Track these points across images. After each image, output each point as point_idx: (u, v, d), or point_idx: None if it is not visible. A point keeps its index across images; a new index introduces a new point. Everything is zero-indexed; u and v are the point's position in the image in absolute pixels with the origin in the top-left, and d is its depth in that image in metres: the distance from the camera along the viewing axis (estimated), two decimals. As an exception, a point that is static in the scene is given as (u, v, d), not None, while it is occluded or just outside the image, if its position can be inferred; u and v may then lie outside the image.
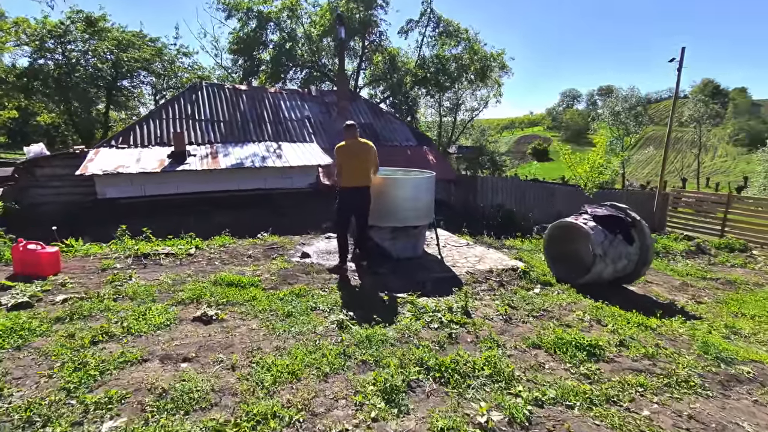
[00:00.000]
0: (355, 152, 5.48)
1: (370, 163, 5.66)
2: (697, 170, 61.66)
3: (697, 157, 63.65)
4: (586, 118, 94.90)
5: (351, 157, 5.46)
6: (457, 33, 17.19)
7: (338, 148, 5.47)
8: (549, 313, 4.51)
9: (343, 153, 5.45)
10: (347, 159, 5.45)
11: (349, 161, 5.45)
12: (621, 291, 5.82)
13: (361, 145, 5.56)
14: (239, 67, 20.03)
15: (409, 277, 5.57)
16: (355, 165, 5.47)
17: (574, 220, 5.71)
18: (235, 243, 6.78)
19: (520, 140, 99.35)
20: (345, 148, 5.46)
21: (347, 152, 5.46)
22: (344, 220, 5.63)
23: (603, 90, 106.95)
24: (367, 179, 5.56)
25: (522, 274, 5.83)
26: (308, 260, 6.00)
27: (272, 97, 14.01)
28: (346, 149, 5.46)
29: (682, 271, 7.49)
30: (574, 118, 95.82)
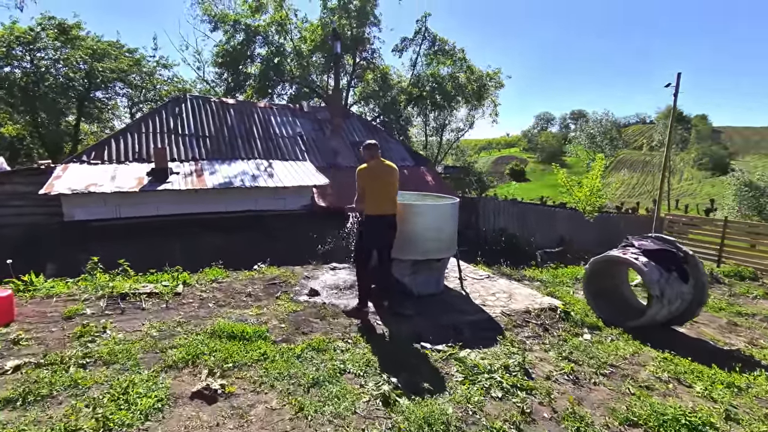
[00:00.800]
0: (379, 175, 4.75)
1: (397, 188, 4.94)
2: (668, 193, 63.92)
3: (667, 180, 66.09)
4: (560, 141, 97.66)
5: (376, 181, 4.71)
6: (453, 52, 16.99)
7: (361, 171, 4.72)
8: (618, 370, 3.82)
9: (367, 176, 4.70)
10: (372, 183, 4.70)
11: (375, 185, 4.70)
12: (672, 333, 5.21)
13: (385, 168, 4.84)
14: (224, 80, 19.16)
15: (439, 319, 4.80)
16: (381, 190, 4.73)
17: (622, 254, 5.10)
18: (229, 277, 5.85)
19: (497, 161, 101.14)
20: (368, 170, 4.72)
21: (371, 175, 4.71)
22: (368, 253, 4.85)
23: (575, 114, 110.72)
24: (394, 206, 4.82)
25: (563, 315, 5.15)
26: (318, 299, 5.15)
27: (262, 112, 13.21)
28: (370, 172, 4.72)
29: (714, 305, 6.98)
30: (549, 140, 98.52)
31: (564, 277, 7.81)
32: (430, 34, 17.07)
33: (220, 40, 18.00)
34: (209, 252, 8.58)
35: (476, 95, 16.75)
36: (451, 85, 16.19)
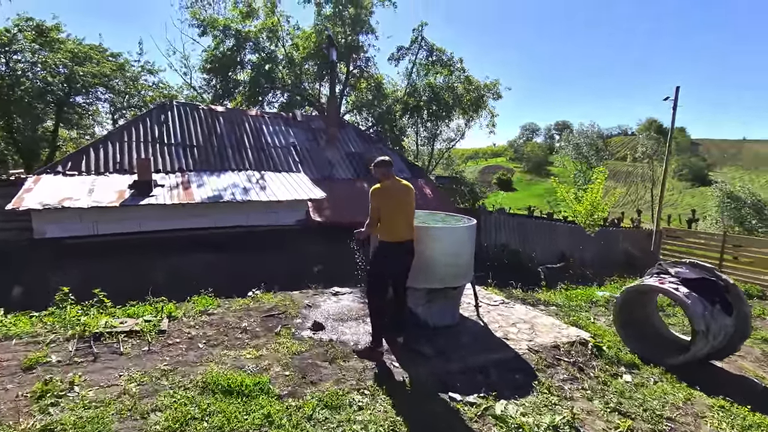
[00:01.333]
0: (395, 196, 4.22)
1: (414, 210, 4.41)
2: (651, 203, 64.95)
3: (651, 191, 67.16)
4: (545, 151, 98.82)
5: (392, 203, 4.18)
6: (451, 62, 16.69)
7: (375, 192, 4.17)
8: (677, 425, 3.33)
9: (382, 197, 4.15)
10: (388, 205, 4.15)
11: (391, 208, 4.16)
12: (711, 369, 4.75)
13: (402, 188, 4.31)
14: (212, 87, 18.45)
15: (461, 358, 4.26)
16: (398, 213, 4.19)
17: (659, 282, 4.64)
18: (221, 308, 5.21)
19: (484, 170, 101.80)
20: (383, 191, 4.17)
21: (386, 196, 4.17)
22: (384, 285, 4.28)
23: (559, 125, 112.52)
24: (411, 231, 4.29)
25: (596, 350, 4.66)
26: (324, 336, 4.56)
27: (253, 121, 12.59)
28: (385, 193, 4.18)
29: None
30: (535, 150, 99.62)
31: (579, 299, 7.35)
32: (427, 44, 16.78)
33: (209, 46, 17.39)
34: (197, 273, 7.90)
35: (474, 106, 16.46)
36: (449, 96, 15.85)
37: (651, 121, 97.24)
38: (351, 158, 12.79)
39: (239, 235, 9.45)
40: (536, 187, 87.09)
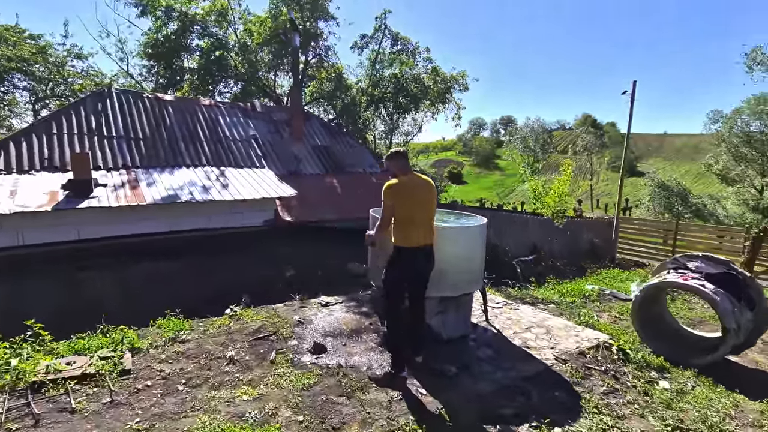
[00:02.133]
0: (413, 194, 3.59)
1: (434, 210, 3.82)
2: (590, 194, 69.21)
3: (590, 182, 71.48)
4: (492, 145, 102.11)
5: (410, 201, 3.55)
6: (417, 52, 16.18)
7: (391, 188, 3.52)
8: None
9: (398, 195, 3.51)
10: (405, 204, 3.52)
11: (408, 207, 3.53)
12: (728, 364, 4.63)
13: (421, 184, 3.69)
14: (154, 75, 16.62)
15: (489, 375, 3.77)
16: (418, 213, 3.58)
17: (682, 279, 4.41)
18: (194, 331, 4.32)
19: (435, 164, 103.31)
20: (400, 188, 3.53)
21: (403, 194, 3.54)
22: (401, 299, 3.66)
23: (504, 120, 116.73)
24: (432, 234, 3.69)
25: (621, 354, 4.36)
26: (330, 360, 3.86)
27: (207, 111, 11.32)
28: (402, 190, 3.54)
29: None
30: (483, 144, 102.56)
31: (572, 296, 7.17)
32: (391, 33, 16.10)
33: (149, 29, 15.53)
34: (155, 288, 6.82)
35: (441, 98, 16.11)
36: (416, 87, 15.36)
37: (586, 117, 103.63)
38: (318, 152, 11.92)
39: (200, 239, 8.35)
40: (485, 179, 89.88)
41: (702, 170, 72.57)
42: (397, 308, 3.60)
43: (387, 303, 3.64)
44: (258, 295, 7.05)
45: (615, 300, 7.35)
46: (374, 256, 4.55)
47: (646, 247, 14.31)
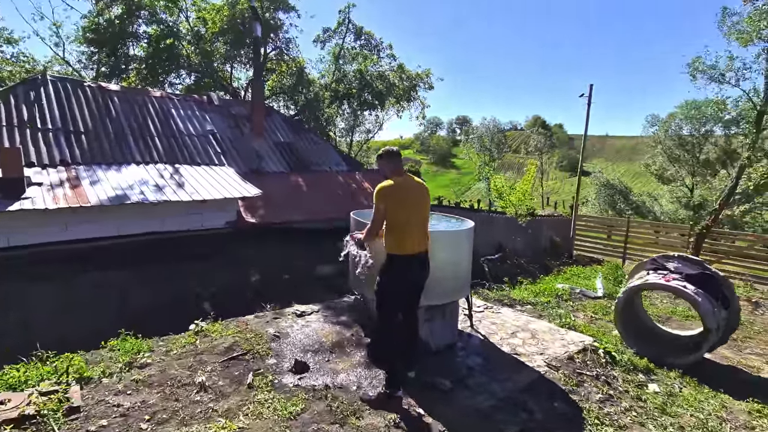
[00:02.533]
0: (409, 197, 3.32)
1: (429, 215, 3.56)
2: (541, 192, 72.40)
3: (541, 181, 74.67)
4: (449, 143, 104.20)
5: (405, 205, 3.27)
6: (380, 48, 15.86)
7: (384, 190, 3.22)
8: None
9: (393, 198, 3.22)
10: (400, 208, 3.24)
11: (404, 212, 3.25)
12: (704, 363, 4.75)
13: (416, 187, 3.43)
14: (95, 62, 15.13)
15: (484, 387, 3.60)
16: (413, 217, 3.31)
17: (664, 280, 4.46)
18: (154, 352, 3.79)
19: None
20: (395, 190, 3.24)
21: (399, 197, 3.25)
22: (396, 312, 3.37)
23: (460, 119, 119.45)
24: (427, 240, 3.44)
25: (608, 357, 4.34)
26: (314, 380, 3.51)
27: (159, 103, 10.39)
28: (397, 192, 3.25)
29: (683, 312, 6.95)
30: (440, 143, 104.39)
31: (545, 295, 7.21)
32: (354, 27, 15.71)
33: (90, 11, 14.09)
34: (103, 301, 6.10)
35: (406, 96, 15.91)
36: (382, 84, 15.05)
37: (536, 118, 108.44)
38: (281, 149, 11.34)
39: (153, 243, 7.61)
40: (442, 177, 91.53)
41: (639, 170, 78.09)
42: (391, 321, 3.31)
43: (380, 316, 3.34)
44: (223, 306, 6.52)
45: (585, 298, 7.50)
46: (356, 262, 4.23)
47: (603, 245, 14.94)
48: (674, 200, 40.52)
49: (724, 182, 36.24)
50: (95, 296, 6.25)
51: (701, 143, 39.61)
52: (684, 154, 40.44)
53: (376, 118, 23.96)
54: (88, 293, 6.28)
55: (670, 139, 41.37)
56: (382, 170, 3.45)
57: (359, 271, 3.68)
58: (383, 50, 15.84)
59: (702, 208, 37.03)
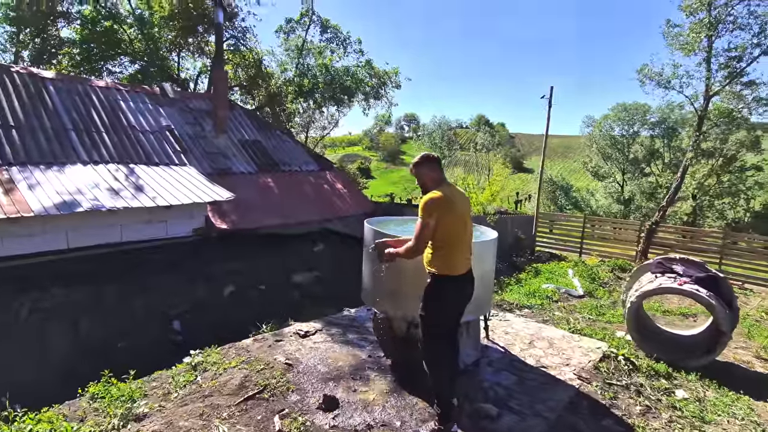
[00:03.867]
0: (458, 210, 2.98)
1: (473, 229, 3.27)
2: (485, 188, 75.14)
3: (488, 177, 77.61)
4: (398, 141, 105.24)
5: (457, 221, 2.94)
6: (348, 42, 15.18)
7: (435, 203, 2.85)
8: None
9: (444, 212, 2.87)
10: (451, 224, 2.90)
11: (455, 228, 2.92)
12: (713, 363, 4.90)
13: (462, 197, 3.12)
14: (15, 44, 13.06)
15: (529, 408, 3.39)
16: (463, 233, 2.99)
17: (677, 284, 4.52)
18: (149, 398, 3.16)
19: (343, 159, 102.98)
20: (445, 203, 2.88)
21: (449, 210, 2.90)
22: (446, 337, 3.04)
23: (408, 117, 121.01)
24: (471, 256, 3.12)
25: (628, 363, 4.32)
26: (350, 418, 3.10)
27: (104, 94, 9.11)
28: (448, 205, 2.90)
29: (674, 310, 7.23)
30: (389, 140, 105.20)
31: (535, 297, 7.25)
32: (319, 19, 14.94)
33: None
34: (54, 330, 5.18)
35: (374, 93, 15.44)
36: (351, 80, 14.44)
37: (480, 117, 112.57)
38: (247, 147, 10.48)
39: (110, 257, 6.62)
40: (392, 174, 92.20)
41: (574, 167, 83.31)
42: (444, 353, 2.98)
43: (429, 346, 2.98)
44: (196, 326, 5.82)
45: (571, 298, 7.64)
46: (376, 274, 3.83)
47: (563, 241, 15.56)
48: (608, 195, 43.73)
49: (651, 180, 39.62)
50: (40, 325, 5.27)
51: (630, 143, 42.99)
52: (615, 153, 43.74)
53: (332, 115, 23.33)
54: (33, 322, 5.28)
55: (603, 139, 44.55)
56: (420, 178, 3.08)
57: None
58: (351, 45, 15.31)
59: (631, 203, 40.33)
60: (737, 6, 11.49)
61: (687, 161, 13.36)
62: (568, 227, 17.19)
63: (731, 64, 12.05)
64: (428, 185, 3.03)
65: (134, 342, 5.48)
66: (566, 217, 20.55)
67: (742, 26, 11.68)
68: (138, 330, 5.71)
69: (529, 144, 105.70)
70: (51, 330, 5.33)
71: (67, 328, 5.28)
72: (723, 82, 12.23)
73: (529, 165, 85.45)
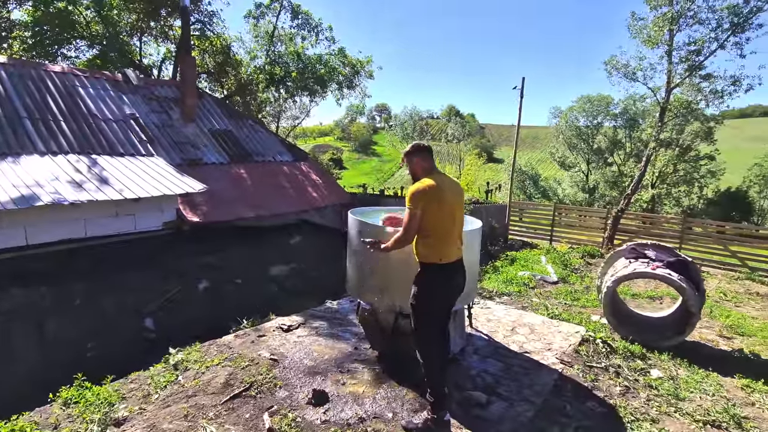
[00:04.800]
0: (448, 199, 2.98)
1: (464, 217, 3.28)
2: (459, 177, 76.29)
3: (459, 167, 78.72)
4: (370, 131, 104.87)
5: (446, 209, 2.94)
6: (318, 30, 14.73)
7: (423, 192, 2.85)
8: (759, 423, 3.27)
9: (432, 201, 2.86)
10: (440, 212, 2.90)
11: (444, 216, 2.92)
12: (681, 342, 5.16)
13: (454, 186, 3.12)
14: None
15: (517, 394, 3.46)
16: (453, 222, 3.00)
17: (651, 269, 4.71)
18: (129, 401, 3.00)
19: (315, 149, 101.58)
20: (434, 192, 2.87)
21: (439, 199, 2.89)
22: (438, 326, 3.04)
23: (379, 107, 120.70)
24: (461, 245, 3.13)
25: (606, 345, 4.49)
26: (340, 412, 3.06)
27: (61, 80, 8.49)
28: (437, 194, 2.88)
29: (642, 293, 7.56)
30: (360, 130, 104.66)
31: (513, 284, 7.38)
32: (290, 4, 14.40)
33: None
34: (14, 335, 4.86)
35: (348, 82, 15.14)
36: (324, 70, 14.06)
37: (450, 107, 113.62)
38: (218, 137, 10.09)
39: (74, 254, 6.24)
40: (364, 165, 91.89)
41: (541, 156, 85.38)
42: (436, 342, 2.98)
43: (421, 336, 2.97)
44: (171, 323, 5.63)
45: (546, 284, 7.85)
46: (362, 264, 3.78)
47: (534, 230, 15.95)
48: (573, 184, 45.24)
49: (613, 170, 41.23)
50: (1, 328, 4.92)
51: (594, 134, 44.45)
52: (581, 143, 45.18)
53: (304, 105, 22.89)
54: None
55: (569, 130, 45.89)
56: (412, 167, 3.06)
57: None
58: (322, 32, 14.90)
59: (595, 191, 41.92)
60: (698, 0, 11.97)
61: (650, 151, 13.92)
62: (538, 215, 17.64)
63: (691, 58, 12.57)
64: (418, 174, 3.01)
65: (105, 342, 5.22)
66: (535, 205, 21.08)
67: (701, 21, 12.19)
68: (108, 329, 5.43)
69: (498, 134, 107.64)
70: (14, 333, 4.99)
71: (32, 330, 4.96)
72: (683, 74, 12.76)
73: (499, 155, 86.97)
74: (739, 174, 39.24)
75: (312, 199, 10.28)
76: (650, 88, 13.91)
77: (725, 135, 36.09)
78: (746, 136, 66.45)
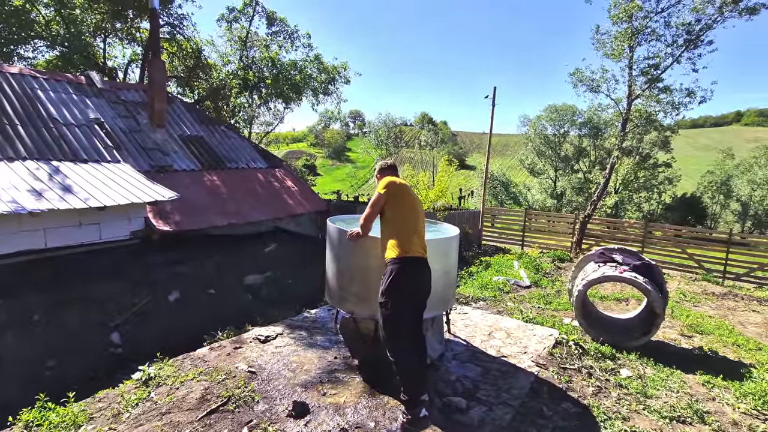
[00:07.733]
0: (410, 198, 3.36)
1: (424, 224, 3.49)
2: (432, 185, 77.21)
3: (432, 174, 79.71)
4: (344, 137, 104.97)
5: (406, 205, 3.23)
6: (295, 37, 14.56)
7: (390, 183, 3.23)
8: (718, 417, 3.46)
9: (399, 194, 3.22)
10: (402, 205, 3.20)
11: (406, 210, 3.21)
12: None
13: (415, 195, 3.35)
14: None
15: (496, 398, 3.53)
16: (414, 218, 3.24)
17: (618, 272, 4.92)
18: (96, 420, 2.86)
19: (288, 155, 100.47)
20: (401, 186, 3.27)
21: (401, 193, 3.25)
22: (406, 324, 3.08)
23: (353, 113, 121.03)
24: (425, 246, 3.25)
25: (578, 347, 4.64)
26: (323, 424, 3.02)
27: (18, 82, 8.04)
28: (402, 188, 3.28)
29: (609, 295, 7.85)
30: (334, 136, 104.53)
31: (488, 289, 7.52)
32: (264, 10, 14.19)
33: None
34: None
35: (323, 88, 15.03)
36: (300, 76, 13.90)
37: (424, 115, 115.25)
38: (189, 143, 9.81)
39: (33, 266, 5.90)
40: (338, 171, 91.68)
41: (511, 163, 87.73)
42: (404, 337, 3.01)
43: (389, 334, 2.99)
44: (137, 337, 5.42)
45: (520, 289, 8.03)
46: (342, 272, 3.78)
47: (506, 235, 16.29)
48: (542, 190, 46.69)
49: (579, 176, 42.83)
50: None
51: (561, 142, 46.13)
52: (549, 151, 46.75)
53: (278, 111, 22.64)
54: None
55: (537, 138, 47.43)
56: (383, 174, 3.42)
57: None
58: (299, 39, 14.78)
59: (563, 197, 43.40)
60: (654, 17, 12.70)
61: (613, 159, 14.58)
62: (509, 221, 18.06)
63: (650, 71, 13.31)
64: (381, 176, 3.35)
65: (67, 359, 4.96)
66: (507, 211, 21.58)
67: (658, 36, 12.94)
68: (71, 345, 5.16)
69: (470, 142, 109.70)
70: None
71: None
72: (643, 86, 13.48)
73: (471, 162, 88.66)
74: (693, 181, 41.64)
75: (287, 206, 10.15)
76: (613, 99, 14.61)
77: (680, 144, 38.35)
78: (699, 144, 70.83)
